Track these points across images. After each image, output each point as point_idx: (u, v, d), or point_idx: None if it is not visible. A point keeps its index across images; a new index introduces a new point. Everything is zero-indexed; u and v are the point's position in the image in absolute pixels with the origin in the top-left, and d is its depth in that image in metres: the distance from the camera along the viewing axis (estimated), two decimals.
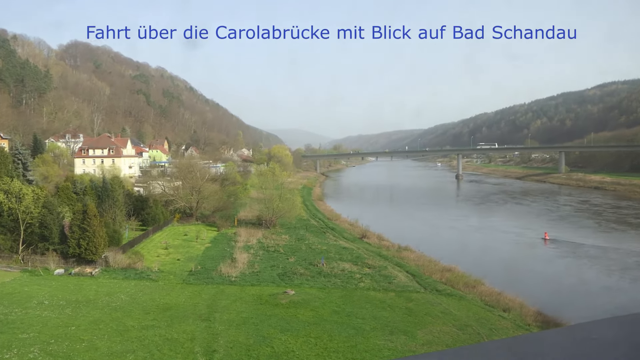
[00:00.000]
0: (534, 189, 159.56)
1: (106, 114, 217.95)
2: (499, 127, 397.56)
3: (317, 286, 39.56)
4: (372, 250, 57.25)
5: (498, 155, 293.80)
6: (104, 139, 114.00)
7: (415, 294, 38.90)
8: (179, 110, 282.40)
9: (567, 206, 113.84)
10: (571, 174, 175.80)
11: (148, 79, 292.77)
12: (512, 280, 50.48)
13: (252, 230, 63.20)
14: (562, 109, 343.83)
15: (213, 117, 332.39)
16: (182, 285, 38.73)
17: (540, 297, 43.92)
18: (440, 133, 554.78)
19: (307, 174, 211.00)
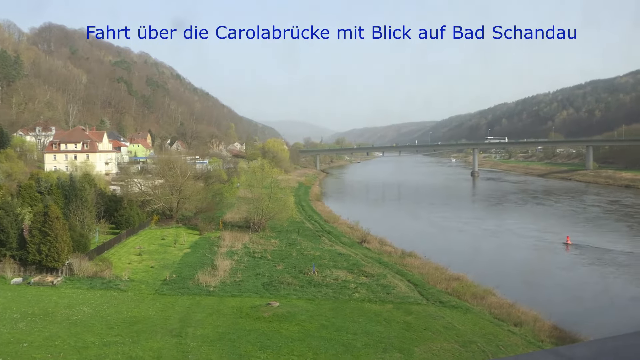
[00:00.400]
0: (557, 188, 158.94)
1: (83, 104, 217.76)
2: (520, 119, 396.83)
3: (305, 297, 39.10)
4: (372, 256, 56.77)
5: (519, 150, 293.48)
6: (77, 132, 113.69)
7: (416, 306, 38.42)
8: (164, 101, 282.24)
9: (595, 207, 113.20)
10: (600, 171, 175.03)
11: (130, 65, 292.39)
12: (527, 291, 50.06)
13: (239, 234, 62.79)
14: (591, 98, 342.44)
15: (202, 108, 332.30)
16: (153, 296, 38.30)
17: (557, 310, 43.40)
18: (455, 125, 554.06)
19: (306, 170, 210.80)
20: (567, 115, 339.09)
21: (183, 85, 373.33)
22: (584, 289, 51.35)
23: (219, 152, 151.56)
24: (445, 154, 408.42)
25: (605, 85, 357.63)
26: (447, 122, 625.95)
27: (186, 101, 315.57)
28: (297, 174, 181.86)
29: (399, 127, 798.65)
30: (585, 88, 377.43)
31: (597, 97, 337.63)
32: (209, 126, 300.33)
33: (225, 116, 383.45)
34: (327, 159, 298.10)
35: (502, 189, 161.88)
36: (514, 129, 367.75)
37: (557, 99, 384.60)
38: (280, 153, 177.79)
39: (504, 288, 48.27)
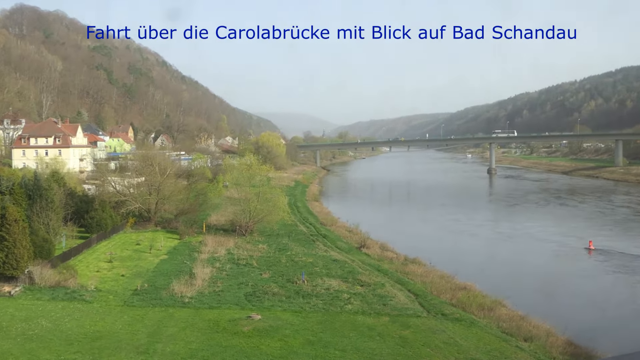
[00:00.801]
0: (583, 187, 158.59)
1: (58, 94, 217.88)
2: (543, 110, 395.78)
3: (292, 309, 38.82)
4: (370, 263, 56.51)
5: (542, 145, 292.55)
6: (48, 125, 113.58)
7: (415, 319, 38.13)
8: (148, 90, 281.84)
9: (624, 208, 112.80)
10: (630, 168, 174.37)
11: (110, 51, 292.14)
12: (542, 302, 49.82)
13: (223, 238, 62.54)
14: (622, 87, 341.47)
15: (190, 98, 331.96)
16: (121, 308, 38.03)
17: (574, 323, 43.07)
18: (471, 118, 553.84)
19: (304, 167, 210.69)
20: (595, 106, 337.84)
21: (170, 73, 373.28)
22: (606, 299, 51.04)
23: (206, 147, 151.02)
24: (460, 149, 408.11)
25: (639, 72, 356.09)
26: (463, 114, 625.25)
27: (173, 91, 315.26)
28: (294, 172, 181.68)
29: (409, 120, 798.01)
30: (615, 76, 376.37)
31: (628, 86, 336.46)
32: (197, 118, 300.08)
33: (217, 107, 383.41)
34: (328, 154, 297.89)
35: (522, 187, 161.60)
36: (536, 122, 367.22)
37: (584, 87, 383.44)
38: (276, 148, 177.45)
39: (516, 298, 48.03)
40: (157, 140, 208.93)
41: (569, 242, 73.74)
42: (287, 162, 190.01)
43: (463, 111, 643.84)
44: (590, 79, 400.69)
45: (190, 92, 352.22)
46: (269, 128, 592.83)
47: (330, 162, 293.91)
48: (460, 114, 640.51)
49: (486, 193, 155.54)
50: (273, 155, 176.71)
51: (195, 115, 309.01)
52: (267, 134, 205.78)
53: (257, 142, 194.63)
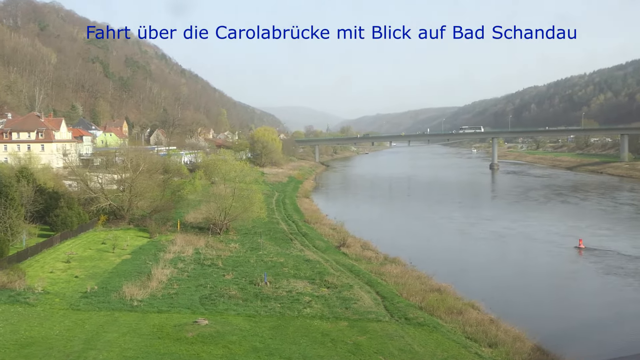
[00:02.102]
0: (587, 183, 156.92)
1: (52, 87, 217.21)
2: (551, 104, 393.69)
3: (246, 313, 37.49)
4: (345, 263, 55.14)
5: (548, 140, 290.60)
6: (31, 120, 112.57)
7: (375, 324, 36.74)
8: (145, 84, 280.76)
9: (626, 205, 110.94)
10: (635, 163, 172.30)
11: (107, 43, 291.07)
12: (519, 304, 48.53)
13: (195, 237, 61.26)
14: (632, 80, 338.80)
15: (190, 92, 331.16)
16: (65, 311, 36.75)
17: (549, 327, 41.83)
18: (479, 112, 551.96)
19: (302, 163, 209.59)
20: (604, 100, 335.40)
21: (169, 66, 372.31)
22: (589, 303, 49.53)
23: (196, 142, 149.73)
24: (466, 144, 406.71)
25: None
26: (470, 108, 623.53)
27: (171, 84, 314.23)
28: (290, 167, 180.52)
29: (416, 114, 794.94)
30: (626, 69, 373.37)
31: (639, 79, 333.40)
32: (196, 112, 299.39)
33: (217, 101, 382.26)
34: (329, 150, 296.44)
35: (523, 184, 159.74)
36: (544, 116, 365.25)
37: (593, 81, 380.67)
38: (271, 143, 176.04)
39: (492, 301, 46.72)
40: (152, 135, 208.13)
41: (564, 241, 71.83)
42: (284, 158, 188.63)
43: (470, 105, 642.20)
44: (599, 72, 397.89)
45: (189, 85, 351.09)
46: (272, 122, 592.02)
47: (332, 157, 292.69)
48: (468, 108, 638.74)
49: (486, 190, 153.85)
50: (268, 151, 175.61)
51: (194, 109, 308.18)
52: (263, 128, 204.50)
53: (252, 137, 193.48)
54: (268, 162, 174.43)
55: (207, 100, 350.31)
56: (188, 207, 77.24)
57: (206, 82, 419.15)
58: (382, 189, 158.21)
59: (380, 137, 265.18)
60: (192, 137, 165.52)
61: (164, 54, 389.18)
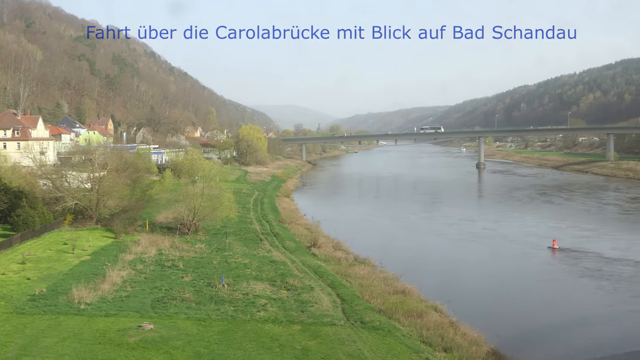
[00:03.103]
0: (572, 182, 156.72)
1: (37, 85, 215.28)
2: (541, 103, 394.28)
3: (196, 317, 36.42)
4: (312, 264, 54.15)
5: (537, 139, 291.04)
6: (6, 117, 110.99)
7: (329, 328, 35.75)
8: (132, 82, 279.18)
9: (611, 206, 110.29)
10: (620, 162, 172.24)
11: (94, 41, 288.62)
12: (484, 306, 47.88)
13: (161, 238, 60.11)
14: (621, 80, 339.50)
15: (178, 90, 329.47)
16: (8, 315, 35.53)
17: (510, 330, 41.34)
18: (469, 111, 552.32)
19: (288, 162, 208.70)
20: (593, 99, 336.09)
21: (157, 64, 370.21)
22: (555, 305, 48.59)
23: (178, 141, 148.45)
24: (456, 143, 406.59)
25: (639, 65, 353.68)
26: (461, 107, 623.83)
27: (159, 82, 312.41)
28: (275, 166, 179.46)
29: (408, 113, 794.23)
30: (615, 68, 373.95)
31: (627, 79, 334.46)
32: (184, 111, 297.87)
33: (206, 100, 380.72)
34: (318, 148, 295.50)
35: (508, 183, 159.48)
36: (534, 115, 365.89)
37: (583, 80, 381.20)
38: (256, 142, 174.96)
39: (458, 303, 46.06)
40: (139, 134, 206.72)
41: (542, 242, 70.76)
42: (269, 157, 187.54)
43: (462, 104, 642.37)
44: (589, 72, 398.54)
45: (178, 84, 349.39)
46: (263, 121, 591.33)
47: (320, 156, 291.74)
48: (459, 107, 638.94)
49: (470, 189, 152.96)
50: (253, 150, 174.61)
51: (182, 107, 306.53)
52: (249, 127, 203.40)
53: (237, 135, 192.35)
54: (253, 160, 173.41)
55: (195, 99, 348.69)
56: (160, 207, 76.08)
57: (195, 80, 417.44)
58: (366, 188, 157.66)
59: (366, 135, 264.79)
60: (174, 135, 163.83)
61: (153, 52, 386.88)
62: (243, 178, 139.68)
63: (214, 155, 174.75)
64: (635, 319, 44.54)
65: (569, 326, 43.22)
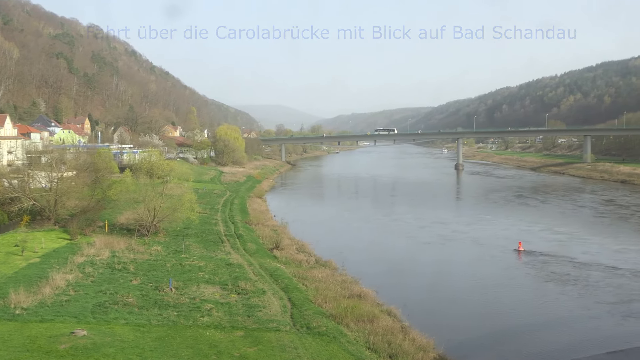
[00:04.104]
0: (549, 184, 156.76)
1: (14, 83, 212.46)
2: (522, 105, 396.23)
3: (136, 322, 35.23)
4: (269, 267, 53.08)
5: (517, 140, 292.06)
6: None
7: (273, 333, 34.70)
8: (111, 80, 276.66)
9: (586, 208, 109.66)
10: (596, 164, 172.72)
11: (73, 39, 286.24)
12: (439, 311, 46.99)
13: (118, 239, 58.79)
14: (601, 82, 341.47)
15: (159, 89, 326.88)
16: None
17: (462, 336, 40.54)
18: (452, 112, 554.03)
19: (266, 162, 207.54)
20: (574, 101, 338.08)
21: (138, 63, 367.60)
22: (514, 309, 47.58)
23: (150, 141, 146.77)
24: (439, 144, 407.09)
25: (618, 67, 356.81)
26: (444, 108, 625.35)
27: (139, 81, 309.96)
28: (252, 166, 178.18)
29: (391, 113, 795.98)
30: (596, 71, 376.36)
31: (607, 81, 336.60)
32: (164, 110, 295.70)
33: (187, 99, 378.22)
34: (299, 149, 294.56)
35: (485, 185, 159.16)
36: (515, 116, 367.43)
37: (564, 82, 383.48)
38: (233, 142, 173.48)
39: (415, 307, 45.57)
40: (116, 133, 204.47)
41: (511, 245, 69.57)
42: (247, 157, 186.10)
43: (445, 105, 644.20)
44: (570, 74, 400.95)
45: (159, 83, 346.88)
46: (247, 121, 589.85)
47: (301, 156, 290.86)
48: (442, 108, 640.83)
49: (446, 191, 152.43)
50: (230, 149, 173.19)
51: (162, 107, 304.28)
52: (226, 126, 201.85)
53: (214, 135, 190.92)
54: (230, 161, 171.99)
55: (176, 98, 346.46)
56: (122, 208, 74.56)
57: (177, 80, 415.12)
58: (342, 189, 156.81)
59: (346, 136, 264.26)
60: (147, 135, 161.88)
61: (134, 51, 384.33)
62: (217, 178, 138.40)
63: (190, 155, 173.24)
64: (595, 324, 43.66)
65: (523, 331, 42.28)
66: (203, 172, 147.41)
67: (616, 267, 59.13)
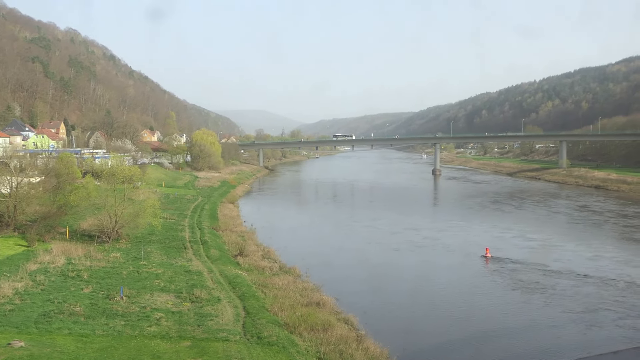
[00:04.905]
0: (525, 189, 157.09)
1: None
2: (502, 110, 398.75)
3: (80, 332, 34.06)
4: (230, 274, 52.08)
5: (496, 146, 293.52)
6: None
7: (220, 344, 33.71)
8: (89, 84, 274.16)
9: (560, 214, 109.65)
10: (572, 170, 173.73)
11: (50, 43, 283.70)
12: (398, 319, 46.23)
13: (77, 246, 57.41)
14: (579, 88, 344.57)
15: (137, 94, 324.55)
16: None
17: (417, 345, 39.77)
18: (433, 117, 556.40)
19: (243, 167, 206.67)
20: (552, 107, 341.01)
21: (117, 67, 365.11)
22: (474, 319, 46.80)
23: (122, 145, 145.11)
24: (419, 149, 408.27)
25: (596, 73, 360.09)
26: (425, 114, 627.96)
27: (117, 86, 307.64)
28: (228, 171, 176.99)
29: (372, 119, 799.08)
30: (574, 77, 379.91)
31: (585, 87, 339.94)
32: (142, 115, 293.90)
33: (166, 104, 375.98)
34: (278, 154, 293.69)
35: (462, 190, 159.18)
36: (494, 122, 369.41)
37: (542, 88, 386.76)
38: (209, 147, 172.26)
39: (374, 315, 44.86)
40: (92, 138, 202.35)
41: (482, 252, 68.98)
42: (223, 162, 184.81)
43: (425, 111, 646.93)
44: (549, 80, 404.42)
45: (137, 87, 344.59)
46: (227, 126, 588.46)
47: (280, 161, 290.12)
48: (423, 113, 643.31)
49: (422, 196, 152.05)
50: (206, 154, 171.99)
51: (141, 111, 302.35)
52: (202, 131, 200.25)
53: (190, 140, 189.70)
54: (205, 166, 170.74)
55: (155, 103, 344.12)
56: (86, 214, 73.14)
57: (156, 84, 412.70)
58: (318, 195, 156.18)
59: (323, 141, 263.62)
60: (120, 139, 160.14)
61: (113, 55, 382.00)
62: (191, 183, 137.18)
63: (166, 160, 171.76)
64: (556, 334, 42.69)
65: (481, 341, 41.47)
66: (177, 177, 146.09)
67: (587, 274, 58.15)
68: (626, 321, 44.41)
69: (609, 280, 56.05)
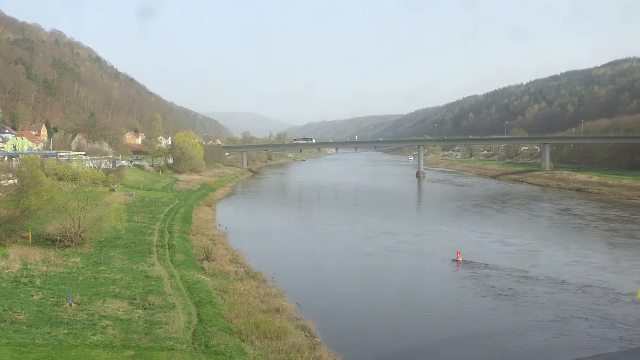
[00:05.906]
0: (507, 192, 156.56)
1: None
2: (488, 113, 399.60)
3: (19, 341, 32.75)
4: (191, 279, 50.82)
5: (482, 148, 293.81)
6: None
7: (165, 353, 32.52)
8: (73, 86, 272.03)
9: (542, 218, 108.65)
10: (554, 172, 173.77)
11: (34, 45, 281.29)
12: (359, 326, 45.08)
13: (36, 251, 55.96)
14: (565, 91, 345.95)
15: (122, 96, 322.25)
16: None
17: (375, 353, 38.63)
18: (420, 120, 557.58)
19: (226, 170, 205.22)
20: (538, 110, 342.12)
21: (102, 69, 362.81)
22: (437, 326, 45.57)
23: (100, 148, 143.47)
24: (406, 151, 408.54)
25: (582, 76, 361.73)
26: (413, 116, 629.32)
27: (102, 87, 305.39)
28: (210, 174, 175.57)
29: (360, 121, 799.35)
30: (560, 79, 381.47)
31: (571, 90, 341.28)
32: (127, 117, 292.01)
33: (152, 106, 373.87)
34: (263, 156, 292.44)
35: (445, 193, 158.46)
36: (481, 124, 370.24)
37: (529, 91, 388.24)
38: (191, 149, 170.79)
39: (334, 322, 43.69)
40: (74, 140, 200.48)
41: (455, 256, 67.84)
42: (205, 164, 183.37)
43: (413, 113, 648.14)
44: (535, 82, 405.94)
45: (123, 89, 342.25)
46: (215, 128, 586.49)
47: (265, 164, 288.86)
48: (411, 116, 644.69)
49: (403, 199, 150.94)
50: (187, 157, 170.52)
51: (126, 113, 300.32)
52: (183, 134, 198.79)
53: (172, 143, 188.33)
54: (187, 168, 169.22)
55: (141, 105, 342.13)
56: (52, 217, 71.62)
57: (142, 86, 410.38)
58: (300, 197, 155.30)
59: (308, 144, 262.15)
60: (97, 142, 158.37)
61: (99, 57, 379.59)
62: (170, 186, 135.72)
63: (147, 162, 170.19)
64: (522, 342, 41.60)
65: (443, 349, 40.65)
66: (157, 180, 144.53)
67: (564, 281, 56.38)
68: (596, 330, 43.03)
69: (585, 287, 53.97)
